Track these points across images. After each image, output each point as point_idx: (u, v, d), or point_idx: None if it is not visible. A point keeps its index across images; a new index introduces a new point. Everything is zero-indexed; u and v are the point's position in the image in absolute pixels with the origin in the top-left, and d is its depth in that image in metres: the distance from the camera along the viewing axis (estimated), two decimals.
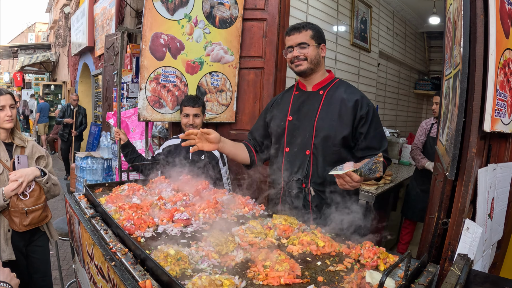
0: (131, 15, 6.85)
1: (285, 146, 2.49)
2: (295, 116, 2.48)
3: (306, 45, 2.38)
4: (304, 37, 2.38)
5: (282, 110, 2.57)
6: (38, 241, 2.87)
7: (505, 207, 2.21)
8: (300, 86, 2.60)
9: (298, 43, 2.38)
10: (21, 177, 2.58)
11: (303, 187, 2.42)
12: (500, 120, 1.87)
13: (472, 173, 1.78)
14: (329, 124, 2.35)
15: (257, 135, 2.75)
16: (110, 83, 7.45)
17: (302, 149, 2.41)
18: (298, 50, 2.38)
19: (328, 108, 2.39)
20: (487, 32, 1.82)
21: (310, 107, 2.45)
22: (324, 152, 2.36)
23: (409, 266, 1.35)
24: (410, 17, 8.58)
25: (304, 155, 2.41)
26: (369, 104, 2.38)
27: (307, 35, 2.38)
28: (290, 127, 2.48)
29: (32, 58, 16.42)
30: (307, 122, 2.42)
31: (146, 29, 3.54)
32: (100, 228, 1.94)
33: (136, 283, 1.41)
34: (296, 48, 2.39)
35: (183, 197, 2.31)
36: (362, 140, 2.35)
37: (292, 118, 2.48)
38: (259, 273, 1.49)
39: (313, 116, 2.41)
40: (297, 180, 2.43)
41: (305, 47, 2.38)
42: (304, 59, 2.39)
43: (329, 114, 2.37)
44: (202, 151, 3.38)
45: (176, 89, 3.73)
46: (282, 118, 2.53)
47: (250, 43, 4.06)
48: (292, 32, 2.41)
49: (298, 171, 2.42)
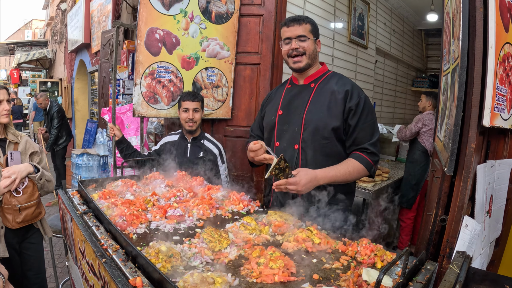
0: (128, 11, 6.80)
1: (275, 140, 2.45)
2: (285, 110, 2.43)
3: (306, 38, 2.31)
4: (304, 30, 2.31)
5: (274, 105, 2.53)
6: (31, 238, 2.83)
7: (504, 205, 2.19)
8: (293, 80, 2.55)
9: (298, 35, 2.30)
10: (14, 173, 2.54)
11: None
12: (499, 115, 1.84)
13: (471, 169, 1.75)
14: (318, 116, 2.29)
15: (260, 133, 2.70)
16: (106, 79, 7.41)
17: (291, 144, 2.36)
18: (297, 43, 2.31)
19: (317, 100, 2.35)
20: (486, 26, 1.79)
21: (300, 101, 2.40)
22: (314, 146, 2.30)
23: (407, 264, 1.32)
24: (408, 14, 8.55)
25: (293, 149, 2.35)
26: (360, 95, 2.28)
27: (307, 29, 2.31)
28: (280, 121, 2.44)
29: (29, 55, 16.33)
30: (296, 116, 2.37)
31: (141, 24, 3.50)
32: (92, 224, 1.90)
33: (127, 281, 1.37)
34: (294, 40, 2.31)
35: (177, 193, 2.27)
36: (351, 132, 2.27)
37: (282, 112, 2.44)
38: (253, 270, 1.46)
39: (302, 110, 2.35)
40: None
41: (304, 40, 2.31)
42: (302, 53, 2.32)
43: (318, 106, 2.32)
44: (200, 147, 3.35)
45: (171, 85, 3.69)
46: (273, 113, 2.49)
47: (246, 39, 4.02)
48: (291, 24, 2.32)
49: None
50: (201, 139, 3.41)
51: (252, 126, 2.79)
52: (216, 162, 3.39)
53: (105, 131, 6.90)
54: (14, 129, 2.78)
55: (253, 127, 2.77)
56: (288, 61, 2.40)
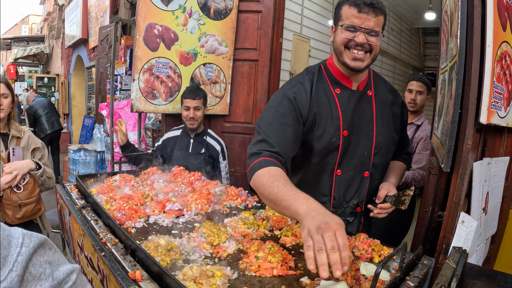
0: (126, 6, 6.79)
1: (336, 168, 1.91)
2: (350, 129, 1.88)
3: (379, 33, 1.76)
4: (379, 24, 1.75)
5: (331, 119, 1.86)
6: None
7: (500, 202, 2.20)
8: (339, 79, 1.92)
9: (370, 29, 1.72)
10: (16, 169, 2.53)
11: (357, 211, 2.02)
12: (496, 112, 1.85)
13: (467, 165, 1.76)
14: (387, 137, 1.94)
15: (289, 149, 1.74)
16: (103, 75, 7.40)
17: (360, 171, 1.94)
18: (367, 37, 1.73)
19: (382, 116, 1.94)
20: (484, 24, 1.80)
21: (364, 116, 1.91)
22: (382, 170, 2.02)
23: (404, 258, 1.34)
24: (406, 13, 8.57)
25: (362, 177, 1.95)
26: (404, 102, 2.08)
27: (381, 23, 1.76)
28: (345, 144, 1.88)
29: (26, 51, 16.27)
30: (363, 137, 1.90)
31: (140, 19, 3.50)
32: (91, 218, 1.91)
33: (126, 274, 1.38)
34: (363, 33, 1.72)
35: (175, 188, 2.28)
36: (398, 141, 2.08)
37: (347, 133, 1.87)
38: (252, 264, 1.47)
39: (370, 130, 1.90)
40: (353, 206, 2.01)
41: (375, 36, 1.74)
42: (368, 51, 1.77)
43: (385, 124, 1.94)
44: (202, 144, 3.35)
45: (169, 80, 3.69)
46: (332, 133, 1.85)
47: (244, 35, 4.02)
48: (366, 9, 1.70)
49: (354, 196, 1.98)
50: (204, 135, 3.41)
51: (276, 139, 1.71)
52: (218, 159, 3.40)
53: (102, 127, 6.89)
54: (17, 124, 2.76)
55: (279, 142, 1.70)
56: (344, 54, 1.80)
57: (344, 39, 1.76)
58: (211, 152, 3.37)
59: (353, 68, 1.79)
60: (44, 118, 8.48)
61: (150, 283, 1.31)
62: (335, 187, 1.94)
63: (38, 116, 8.48)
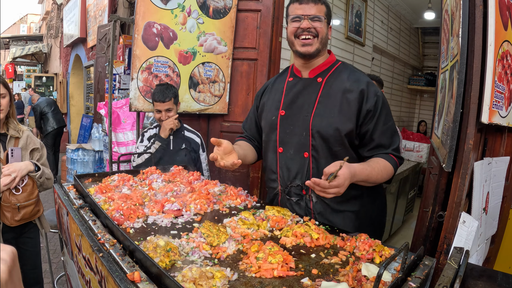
0: (124, 6, 6.77)
1: (278, 145, 2.17)
2: (288, 110, 2.13)
3: (322, 18, 1.99)
4: (320, 11, 1.99)
5: (274, 102, 2.22)
6: (29, 233, 2.81)
7: (500, 202, 2.20)
8: (294, 71, 2.22)
9: (312, 15, 1.98)
10: (14, 171, 2.50)
11: (303, 193, 2.14)
12: (497, 112, 1.84)
13: (469, 165, 1.75)
14: (328, 121, 2.00)
15: (254, 132, 2.43)
16: (102, 74, 7.39)
17: (299, 151, 2.09)
18: (310, 23, 1.97)
19: (327, 101, 2.04)
20: (485, 23, 1.79)
21: (305, 99, 2.09)
22: (326, 154, 2.04)
23: (406, 259, 1.32)
24: (405, 12, 8.57)
25: (302, 157, 2.09)
26: (377, 93, 2.01)
27: (322, 10, 2.00)
28: (283, 123, 2.13)
29: (24, 50, 16.25)
30: (301, 119, 2.08)
31: (138, 18, 3.48)
32: (89, 218, 1.89)
33: (124, 275, 1.36)
34: (306, 19, 1.98)
35: (174, 187, 2.27)
36: (369, 137, 2.04)
37: (284, 112, 2.14)
38: (252, 265, 1.45)
39: (309, 112, 2.05)
40: (296, 186, 2.14)
41: (319, 21, 1.98)
42: (315, 36, 2.00)
43: (328, 108, 2.02)
44: (182, 139, 3.32)
45: (168, 79, 3.67)
46: (273, 112, 2.19)
47: (243, 34, 4.01)
48: (307, 1, 1.98)
49: (297, 176, 2.13)
50: (182, 130, 3.38)
51: (245, 123, 2.50)
52: (198, 151, 3.39)
53: (100, 126, 6.87)
54: (16, 123, 2.72)
55: (246, 125, 2.48)
56: (295, 42, 2.05)
57: (292, 28, 2.03)
58: (193, 145, 3.36)
59: (304, 54, 2.03)
60: (51, 115, 9.01)
61: (149, 284, 1.30)
62: (280, 164, 2.18)
63: (45, 113, 8.98)
